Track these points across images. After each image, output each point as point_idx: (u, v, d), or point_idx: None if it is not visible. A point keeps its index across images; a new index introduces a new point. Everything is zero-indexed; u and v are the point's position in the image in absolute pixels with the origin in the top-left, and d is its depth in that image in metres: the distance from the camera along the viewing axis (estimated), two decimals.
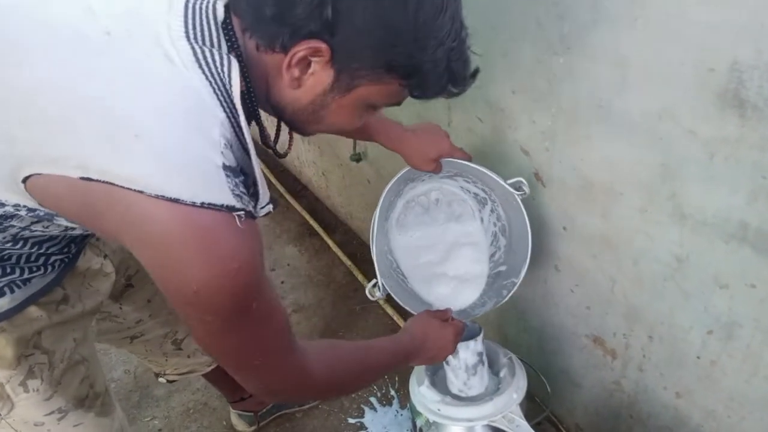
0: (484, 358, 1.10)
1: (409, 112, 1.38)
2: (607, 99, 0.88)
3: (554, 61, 0.93)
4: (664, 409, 1.10)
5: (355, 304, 1.95)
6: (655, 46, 0.77)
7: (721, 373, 0.94)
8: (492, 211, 1.23)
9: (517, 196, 1.07)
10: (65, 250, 0.81)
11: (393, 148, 1.05)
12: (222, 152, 0.55)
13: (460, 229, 1.26)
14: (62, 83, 0.54)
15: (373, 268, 1.08)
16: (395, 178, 1.09)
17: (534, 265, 1.25)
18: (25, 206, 0.62)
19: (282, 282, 2.08)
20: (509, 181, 1.06)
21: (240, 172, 0.58)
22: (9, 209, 0.63)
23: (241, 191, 0.57)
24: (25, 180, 0.56)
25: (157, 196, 0.52)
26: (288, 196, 2.52)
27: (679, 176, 0.84)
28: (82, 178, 0.53)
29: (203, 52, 0.57)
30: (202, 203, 0.53)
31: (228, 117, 0.56)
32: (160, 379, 1.31)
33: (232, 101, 0.57)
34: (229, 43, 0.60)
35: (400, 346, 0.96)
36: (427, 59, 0.62)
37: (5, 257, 0.73)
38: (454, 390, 1.12)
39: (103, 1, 0.58)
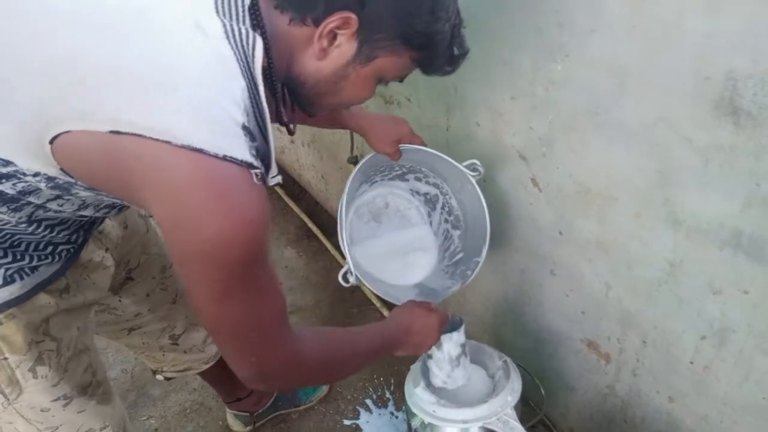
0: (467, 349, 1.12)
1: (410, 116, 1.39)
2: (605, 106, 0.89)
3: (553, 68, 0.95)
4: (657, 413, 1.11)
5: (352, 307, 1.94)
6: (652, 54, 0.79)
7: (714, 378, 0.95)
8: (443, 206, 1.30)
9: (471, 178, 1.14)
10: (72, 239, 0.83)
11: (358, 129, 1.12)
12: (244, 112, 0.59)
13: (411, 234, 1.32)
14: (101, 49, 0.57)
15: None
16: (360, 165, 1.11)
17: (530, 269, 1.26)
18: (45, 175, 0.63)
19: (280, 284, 2.09)
20: (464, 163, 1.14)
21: (254, 138, 0.62)
22: (30, 180, 0.64)
23: (254, 154, 0.61)
24: (52, 141, 0.58)
25: (182, 146, 0.55)
26: (287, 199, 2.53)
27: (674, 183, 0.85)
28: (111, 132, 0.56)
29: (231, 26, 0.61)
30: (224, 156, 0.57)
31: (248, 86, 0.60)
32: (158, 376, 1.32)
33: (253, 73, 0.61)
34: (254, 21, 0.64)
35: (386, 332, 0.98)
36: (438, 31, 0.71)
37: (16, 243, 0.75)
38: (438, 382, 1.13)
39: None
